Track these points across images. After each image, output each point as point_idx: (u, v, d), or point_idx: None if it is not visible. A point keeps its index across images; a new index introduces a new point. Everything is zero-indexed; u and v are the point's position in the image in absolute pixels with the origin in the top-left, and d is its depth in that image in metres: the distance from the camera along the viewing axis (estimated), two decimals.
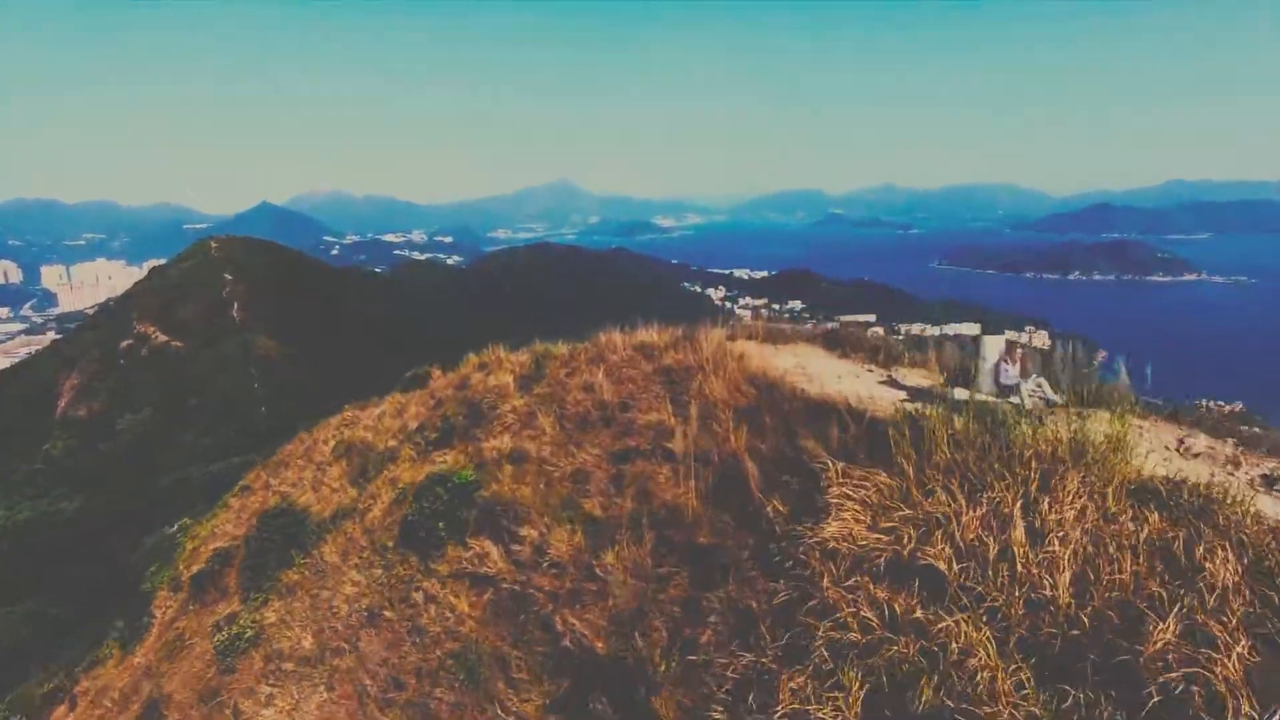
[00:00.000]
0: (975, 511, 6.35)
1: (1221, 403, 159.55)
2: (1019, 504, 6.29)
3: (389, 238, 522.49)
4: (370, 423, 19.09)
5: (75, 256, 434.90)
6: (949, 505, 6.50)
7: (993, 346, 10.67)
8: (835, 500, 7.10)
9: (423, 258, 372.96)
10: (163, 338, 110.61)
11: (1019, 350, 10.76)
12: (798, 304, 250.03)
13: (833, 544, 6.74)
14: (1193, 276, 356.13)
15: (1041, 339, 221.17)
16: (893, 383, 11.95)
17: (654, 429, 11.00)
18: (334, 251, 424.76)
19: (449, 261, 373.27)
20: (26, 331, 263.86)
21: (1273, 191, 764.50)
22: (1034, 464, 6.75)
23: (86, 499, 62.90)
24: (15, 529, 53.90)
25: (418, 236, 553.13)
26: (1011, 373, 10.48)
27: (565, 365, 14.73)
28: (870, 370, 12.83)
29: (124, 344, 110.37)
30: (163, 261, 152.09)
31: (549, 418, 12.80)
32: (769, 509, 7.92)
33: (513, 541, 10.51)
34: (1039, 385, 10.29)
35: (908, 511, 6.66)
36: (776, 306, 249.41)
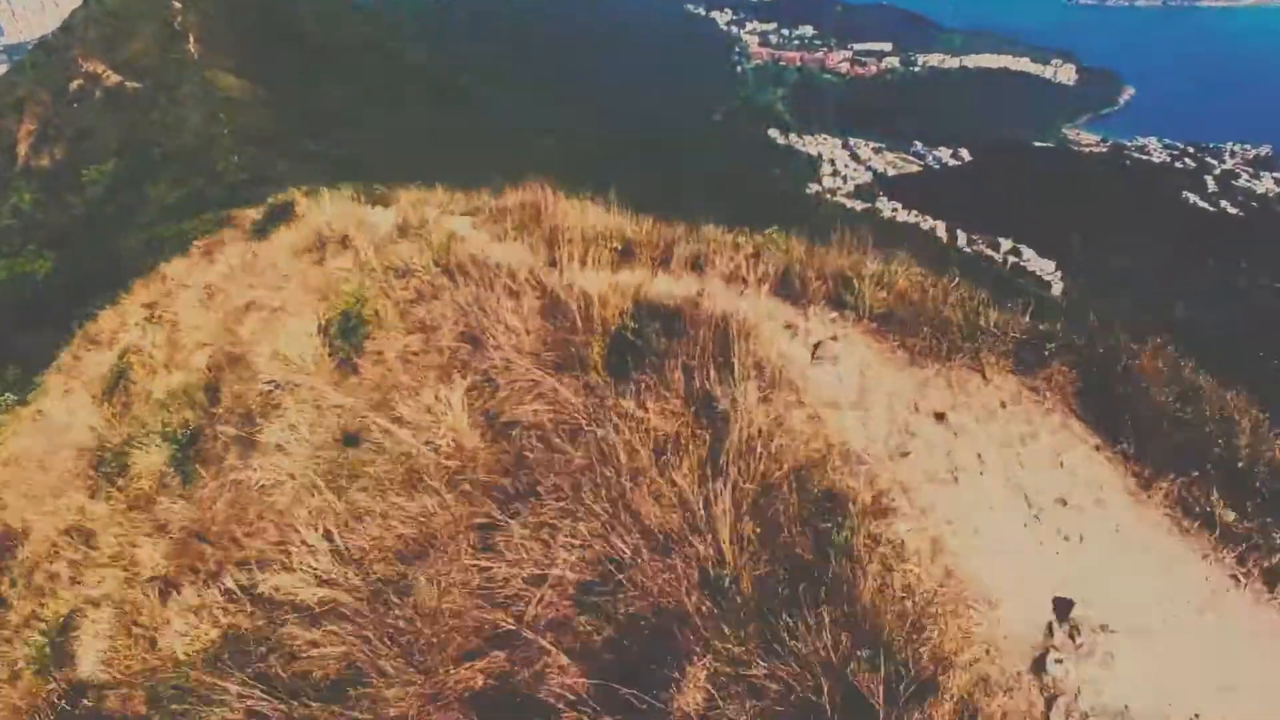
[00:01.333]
0: None
1: (1248, 146, 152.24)
2: None
3: None
4: (187, 302, 11.15)
5: None
6: None
7: None
8: None
9: None
10: (115, 78, 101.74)
11: None
12: (808, 30, 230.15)
13: None
14: (1252, 1, 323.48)
15: (1068, 73, 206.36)
16: None
17: None
18: None
19: None
20: None
21: None
22: None
23: (58, 257, 61.36)
24: None
25: None
26: None
27: (416, 308, 7.78)
28: None
29: (74, 84, 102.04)
30: None
31: (330, 519, 6.05)
32: None
33: None
34: None
35: None
36: (786, 32, 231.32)
